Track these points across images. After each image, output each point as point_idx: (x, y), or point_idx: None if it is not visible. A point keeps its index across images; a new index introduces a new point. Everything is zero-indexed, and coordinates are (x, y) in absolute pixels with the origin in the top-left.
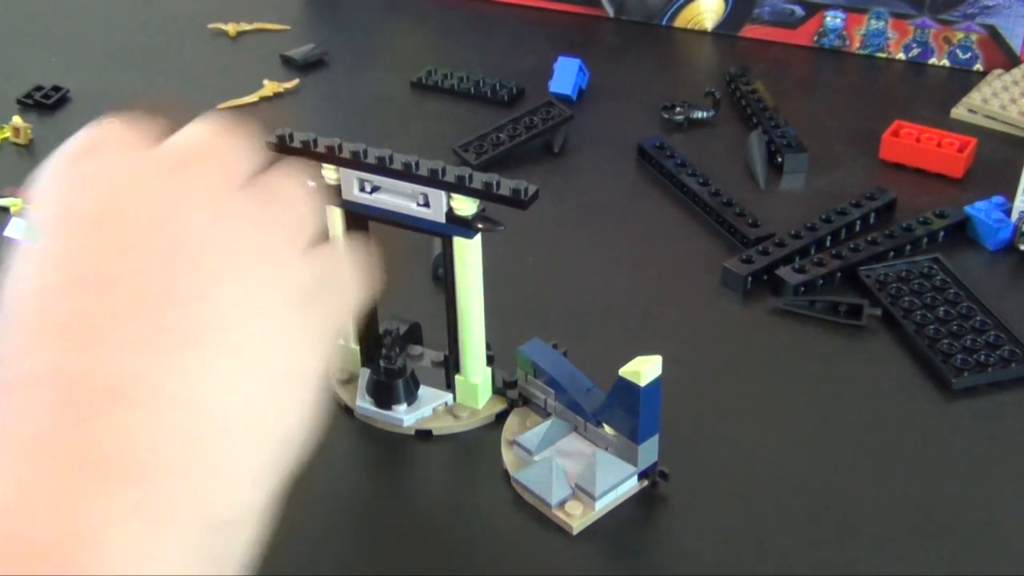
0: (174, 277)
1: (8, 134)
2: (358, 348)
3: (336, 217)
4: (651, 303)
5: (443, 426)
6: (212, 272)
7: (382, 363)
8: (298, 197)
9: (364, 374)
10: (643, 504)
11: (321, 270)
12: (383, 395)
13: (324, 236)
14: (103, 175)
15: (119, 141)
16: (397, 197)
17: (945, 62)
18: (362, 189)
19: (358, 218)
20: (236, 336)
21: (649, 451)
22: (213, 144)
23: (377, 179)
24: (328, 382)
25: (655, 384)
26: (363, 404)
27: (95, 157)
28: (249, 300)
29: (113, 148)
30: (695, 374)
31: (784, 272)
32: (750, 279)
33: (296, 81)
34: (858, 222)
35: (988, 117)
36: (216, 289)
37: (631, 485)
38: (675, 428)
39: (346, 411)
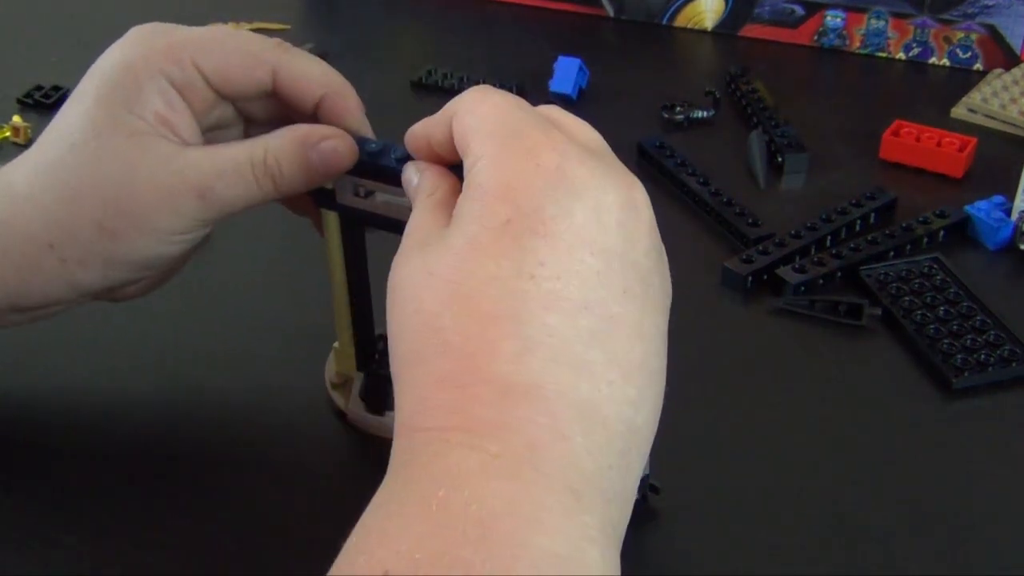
0: (630, 309)
1: (8, 134)
2: (353, 351)
3: (332, 223)
4: None
5: None
6: (652, 301)
7: (377, 367)
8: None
9: (359, 378)
10: (632, 519)
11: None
12: (377, 400)
13: None
14: (565, 193)
15: (557, 142)
16: (392, 202)
17: (945, 62)
18: (356, 194)
19: (354, 224)
20: (657, 364)
21: None
22: (608, 155)
23: (371, 184)
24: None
25: None
26: (357, 408)
27: (556, 172)
28: (665, 325)
29: (560, 154)
30: (694, 374)
31: (784, 272)
32: (750, 279)
33: None
34: (858, 222)
35: (988, 117)
36: (655, 322)
37: None
38: (673, 431)
39: (339, 415)
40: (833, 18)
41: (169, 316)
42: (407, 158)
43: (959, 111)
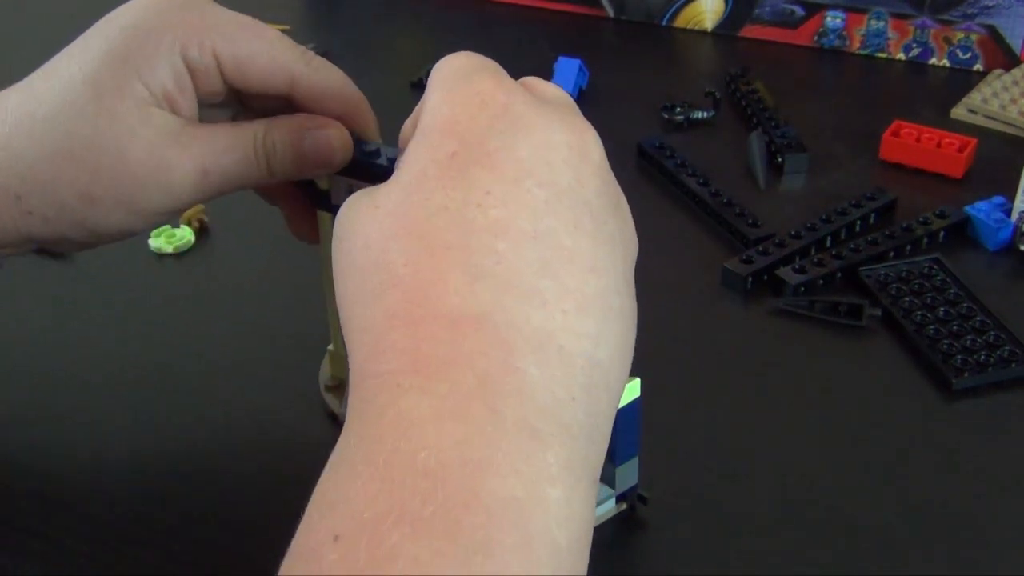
0: (581, 242)
1: None
2: (347, 354)
3: (326, 224)
4: (650, 303)
5: None
6: (606, 238)
7: None
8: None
9: None
10: (621, 528)
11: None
12: None
13: None
14: (510, 128)
15: (508, 86)
16: None
17: (945, 62)
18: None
19: None
20: (619, 303)
21: (628, 473)
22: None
23: (365, 186)
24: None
25: (633, 405)
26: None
27: (502, 109)
28: (625, 267)
29: (508, 95)
30: (694, 374)
31: (784, 272)
32: (750, 279)
33: None
34: (858, 222)
35: (988, 117)
36: (610, 259)
37: (608, 508)
38: (673, 430)
39: (333, 419)
40: (833, 19)
41: (164, 319)
42: None
43: (959, 111)
